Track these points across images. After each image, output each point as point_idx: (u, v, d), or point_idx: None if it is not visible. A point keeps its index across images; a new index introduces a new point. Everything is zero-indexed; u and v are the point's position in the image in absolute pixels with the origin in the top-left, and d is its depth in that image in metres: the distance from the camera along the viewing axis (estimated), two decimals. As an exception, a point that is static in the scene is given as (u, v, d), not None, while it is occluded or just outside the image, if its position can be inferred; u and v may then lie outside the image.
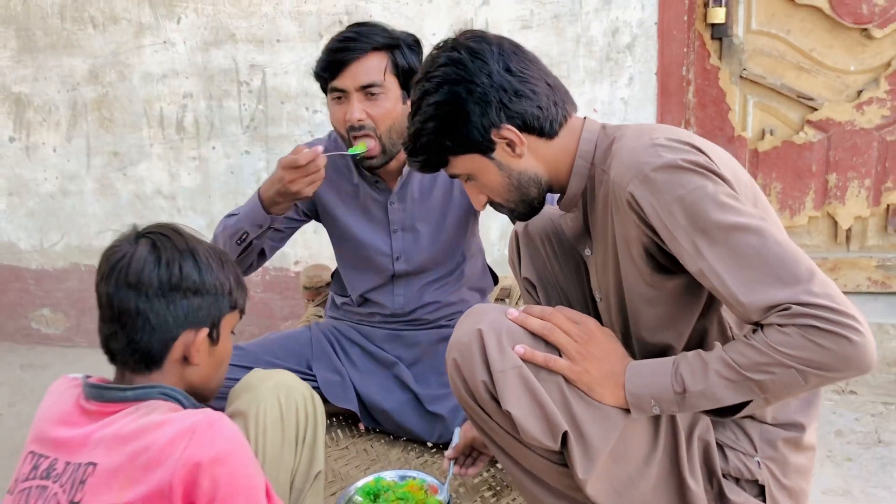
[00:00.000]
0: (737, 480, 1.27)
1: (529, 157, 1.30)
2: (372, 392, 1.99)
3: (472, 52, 1.26)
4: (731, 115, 2.77)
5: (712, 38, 2.73)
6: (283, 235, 2.03)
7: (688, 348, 1.26)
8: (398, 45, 1.82)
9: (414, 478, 1.81)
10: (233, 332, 1.28)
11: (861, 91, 2.68)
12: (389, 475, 1.82)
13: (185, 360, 1.17)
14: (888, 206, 2.75)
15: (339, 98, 1.82)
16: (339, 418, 2.08)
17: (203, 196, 3.18)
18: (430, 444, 1.99)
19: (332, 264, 2.21)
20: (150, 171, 3.22)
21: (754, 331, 1.12)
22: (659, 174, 1.13)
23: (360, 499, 1.75)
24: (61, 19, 3.14)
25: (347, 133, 1.82)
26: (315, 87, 2.93)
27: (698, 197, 1.11)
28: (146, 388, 1.13)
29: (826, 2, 2.61)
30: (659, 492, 1.25)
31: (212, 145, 3.13)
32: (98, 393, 1.12)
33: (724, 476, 1.26)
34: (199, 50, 3.04)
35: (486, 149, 1.29)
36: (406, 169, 1.92)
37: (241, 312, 1.27)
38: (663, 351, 1.29)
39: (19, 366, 3.36)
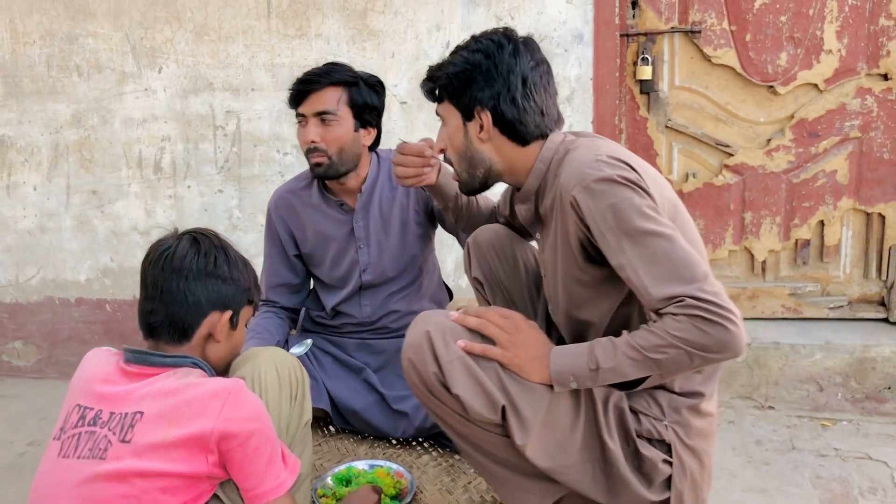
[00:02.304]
0: (649, 440, 1.51)
1: (491, 147, 1.56)
2: (343, 394, 2.22)
3: (514, 49, 1.52)
4: (658, 159, 3.07)
5: (641, 92, 3.02)
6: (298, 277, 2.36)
7: (611, 329, 1.53)
8: (356, 83, 2.13)
9: (382, 466, 2.04)
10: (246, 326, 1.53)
11: (770, 139, 2.99)
12: (360, 465, 2.05)
13: (210, 337, 1.41)
14: (797, 240, 3.04)
15: (301, 122, 2.14)
16: (313, 420, 2.30)
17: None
18: (394, 441, 2.22)
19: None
20: (127, 209, 3.43)
21: (654, 320, 1.39)
22: (597, 185, 1.39)
23: (332, 483, 1.97)
24: (48, 67, 3.37)
25: (306, 153, 2.13)
26: (286, 131, 3.23)
27: (626, 206, 1.37)
28: (181, 357, 1.37)
29: (738, 63, 2.94)
30: (585, 452, 1.49)
31: (187, 184, 3.37)
32: (140, 357, 1.36)
33: (637, 436, 1.49)
34: (178, 97, 3.29)
35: (466, 115, 1.55)
36: (365, 186, 2.21)
37: (255, 309, 1.53)
38: (585, 326, 1.56)
39: (-9, 396, 3.48)
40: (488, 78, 1.51)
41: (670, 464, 1.50)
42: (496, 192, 1.87)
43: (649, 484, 1.50)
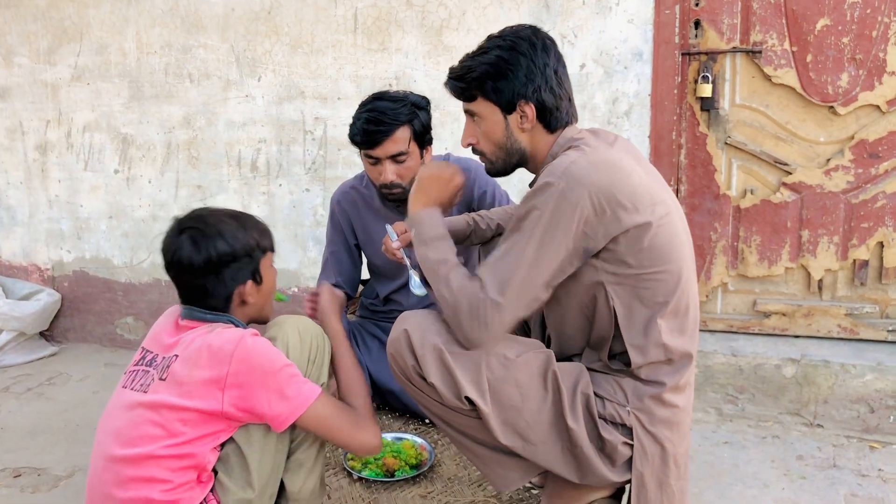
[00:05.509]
0: (612, 424, 1.63)
1: (527, 136, 1.70)
2: (383, 376, 2.46)
3: (544, 44, 1.67)
4: (717, 175, 3.15)
5: (702, 109, 3.10)
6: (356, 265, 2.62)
7: (577, 327, 1.68)
8: (416, 115, 2.32)
9: (408, 439, 2.26)
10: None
11: (829, 159, 3.00)
12: (389, 436, 2.28)
13: (244, 302, 1.68)
14: (854, 260, 3.04)
15: (373, 161, 2.34)
16: (357, 397, 2.55)
17: (269, 225, 3.70)
18: (426, 421, 2.44)
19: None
20: (226, 203, 3.80)
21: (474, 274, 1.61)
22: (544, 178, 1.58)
23: (363, 451, 2.21)
24: (165, 74, 3.79)
25: (379, 186, 2.34)
26: (366, 137, 3.48)
27: (534, 206, 1.55)
28: (219, 315, 1.64)
29: (798, 83, 2.98)
30: (552, 433, 1.63)
31: (279, 183, 3.71)
32: (189, 313, 1.65)
33: (601, 419, 1.62)
34: (273, 103, 3.64)
35: (507, 109, 1.68)
36: None
37: (272, 249, 1.74)
38: (556, 322, 1.73)
39: (104, 364, 3.90)
40: (529, 73, 1.63)
41: (631, 446, 1.63)
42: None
43: (612, 464, 1.63)
